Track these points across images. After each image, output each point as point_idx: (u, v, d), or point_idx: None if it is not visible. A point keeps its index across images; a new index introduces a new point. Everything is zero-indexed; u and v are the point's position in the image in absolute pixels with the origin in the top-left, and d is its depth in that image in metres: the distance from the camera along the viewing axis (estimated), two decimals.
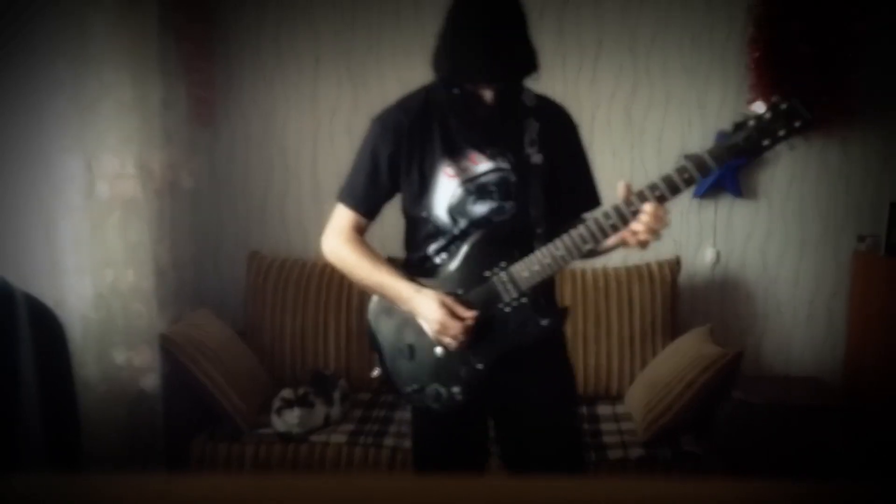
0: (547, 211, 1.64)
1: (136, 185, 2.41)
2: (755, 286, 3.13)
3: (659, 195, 1.52)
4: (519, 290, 1.61)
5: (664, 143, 3.06)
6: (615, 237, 1.58)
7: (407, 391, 1.70)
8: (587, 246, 1.57)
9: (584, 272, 2.91)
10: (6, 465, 1.52)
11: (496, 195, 1.63)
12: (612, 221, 1.55)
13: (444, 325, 1.58)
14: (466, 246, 1.63)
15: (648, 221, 1.51)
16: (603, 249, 1.66)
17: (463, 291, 1.63)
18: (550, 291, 1.75)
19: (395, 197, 1.73)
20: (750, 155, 1.53)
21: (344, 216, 1.71)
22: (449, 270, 1.65)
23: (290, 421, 2.49)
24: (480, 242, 1.62)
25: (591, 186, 1.77)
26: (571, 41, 3.02)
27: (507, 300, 1.62)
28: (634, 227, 1.53)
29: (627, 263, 2.94)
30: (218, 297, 3.13)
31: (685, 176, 1.51)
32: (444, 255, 1.67)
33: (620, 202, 1.54)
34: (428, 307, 1.60)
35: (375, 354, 1.75)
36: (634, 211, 1.53)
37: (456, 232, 1.64)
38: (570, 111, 1.76)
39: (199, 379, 2.49)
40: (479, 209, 1.63)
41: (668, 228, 1.55)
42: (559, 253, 1.58)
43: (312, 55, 3.11)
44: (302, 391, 2.57)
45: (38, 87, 2.08)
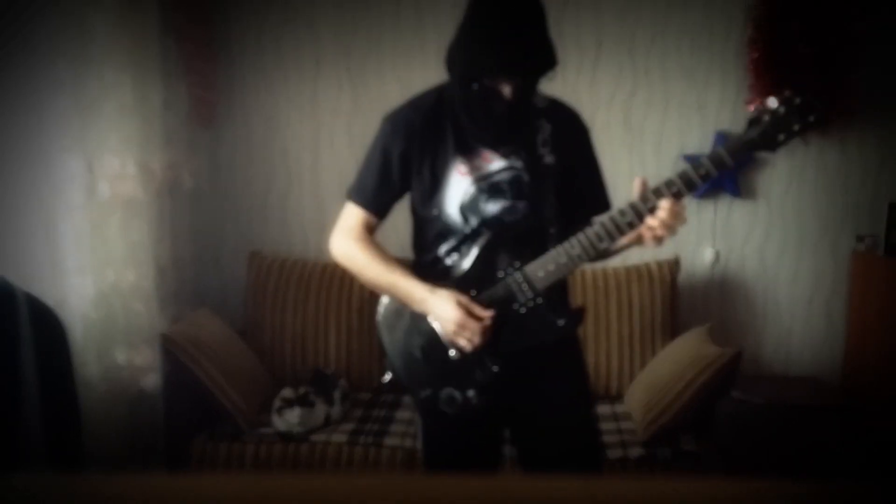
0: (559, 211, 1.62)
1: (136, 185, 2.41)
2: (754, 286, 3.13)
3: (676, 191, 1.50)
4: (534, 290, 1.59)
5: (663, 144, 3.07)
6: (629, 235, 1.56)
7: (420, 395, 1.66)
8: (603, 244, 1.55)
9: (583, 272, 2.91)
10: (7, 464, 1.52)
11: (509, 194, 1.61)
12: (628, 219, 1.53)
13: (461, 325, 1.55)
14: (478, 246, 1.60)
15: (665, 218, 1.50)
16: (616, 249, 1.65)
17: (476, 293, 1.60)
18: (564, 291, 1.72)
19: (404, 197, 1.70)
20: (765, 150, 1.51)
21: (353, 215, 1.68)
22: (461, 271, 1.62)
23: (290, 420, 2.49)
24: (493, 242, 1.60)
25: (601, 190, 1.75)
26: (570, 43, 3.02)
27: (521, 301, 1.60)
28: (651, 222, 1.51)
29: (627, 263, 2.94)
30: (218, 296, 3.14)
31: (701, 172, 1.50)
32: (455, 255, 1.64)
33: (637, 199, 1.52)
34: (443, 308, 1.56)
35: (386, 358, 1.72)
36: (651, 207, 1.51)
37: (467, 231, 1.61)
38: (581, 115, 1.74)
39: (199, 378, 2.49)
40: (491, 208, 1.60)
41: (684, 224, 1.53)
42: (575, 252, 1.56)
43: (313, 56, 3.11)
44: (302, 391, 2.57)
45: (38, 87, 2.07)
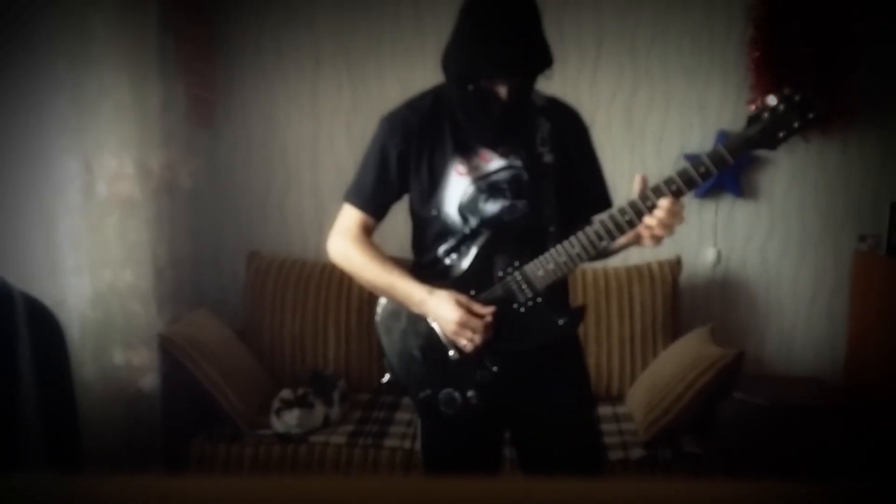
0: (559, 209, 1.61)
1: (135, 185, 2.40)
2: (756, 286, 3.12)
3: (675, 189, 1.50)
4: (534, 289, 1.58)
5: (664, 144, 3.06)
6: (628, 234, 1.55)
7: (419, 396, 1.66)
8: (603, 243, 1.54)
9: (584, 272, 2.90)
10: (4, 465, 1.51)
11: (508, 193, 1.60)
12: (628, 217, 1.52)
13: (462, 324, 1.54)
14: (477, 246, 1.60)
15: (663, 217, 1.49)
16: (616, 247, 1.64)
17: (475, 292, 1.59)
18: (564, 291, 1.71)
19: (402, 197, 1.70)
20: (765, 147, 1.51)
21: (351, 216, 1.67)
22: (460, 271, 1.61)
23: (289, 422, 2.48)
24: (492, 242, 1.59)
25: (602, 188, 1.74)
26: (571, 42, 3.01)
27: (521, 300, 1.59)
28: (649, 221, 1.50)
29: (628, 263, 2.93)
30: (217, 296, 3.13)
31: (701, 170, 1.49)
32: (454, 255, 1.63)
33: (636, 197, 1.52)
34: (444, 308, 1.56)
35: (385, 359, 1.71)
36: (651, 206, 1.50)
37: (466, 231, 1.61)
38: (581, 113, 1.73)
39: (197, 379, 2.48)
40: (490, 208, 1.60)
41: (683, 224, 1.52)
42: (575, 250, 1.55)
43: (312, 56, 3.11)
44: (301, 392, 2.56)
45: (37, 87, 2.06)
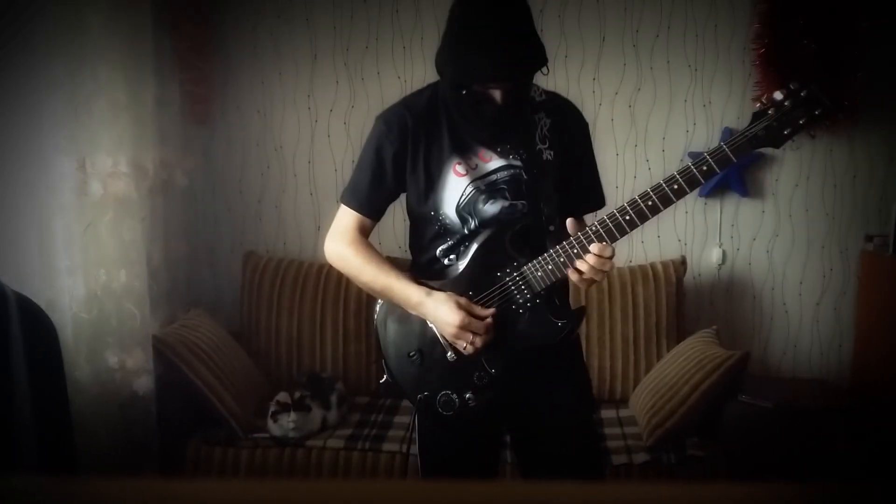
0: (559, 209, 1.59)
1: (129, 183, 2.38)
2: (761, 286, 3.08)
3: (676, 189, 1.49)
4: (533, 290, 1.56)
5: (668, 141, 3.03)
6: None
7: (417, 398, 1.64)
8: (604, 242, 1.52)
9: None
10: None
11: (508, 194, 1.58)
12: (628, 217, 1.51)
13: (464, 327, 1.52)
14: (476, 245, 1.58)
15: (593, 262, 1.49)
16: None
17: (474, 293, 1.58)
18: (564, 291, 1.69)
19: (399, 197, 1.68)
20: (770, 146, 1.49)
21: (347, 218, 1.65)
22: (458, 272, 1.60)
23: (285, 425, 2.44)
24: (491, 242, 1.57)
25: (597, 185, 1.73)
26: (574, 38, 2.98)
27: (520, 301, 1.57)
28: (580, 266, 1.51)
29: (632, 263, 2.89)
30: (213, 297, 3.11)
31: (704, 168, 1.48)
32: (452, 255, 1.61)
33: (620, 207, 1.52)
34: (443, 310, 1.54)
35: (383, 361, 1.70)
36: (652, 204, 1.49)
37: (465, 232, 1.59)
38: (579, 105, 1.71)
39: (192, 381, 2.44)
40: (490, 209, 1.58)
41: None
42: (574, 251, 1.53)
43: (310, 52, 3.07)
44: (298, 395, 2.53)
45: (33, 86, 2.05)
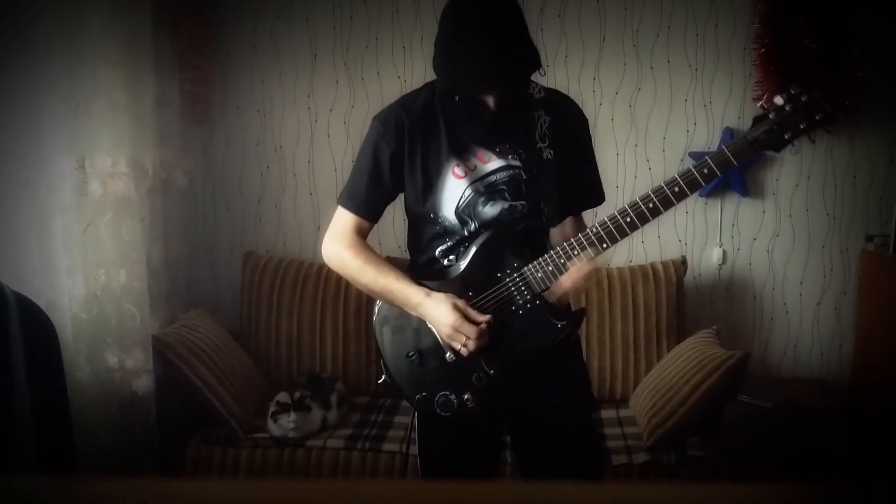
0: (559, 208, 1.59)
1: (129, 184, 2.38)
2: (762, 286, 3.08)
3: (677, 190, 1.49)
4: (533, 291, 1.56)
5: (669, 141, 3.02)
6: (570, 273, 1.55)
7: (416, 399, 1.63)
8: (604, 245, 1.53)
9: None
10: None
11: (507, 194, 1.57)
12: (628, 219, 1.51)
13: (457, 329, 1.52)
14: (476, 246, 1.57)
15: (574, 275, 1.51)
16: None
17: (473, 294, 1.57)
18: None
19: (397, 198, 1.67)
20: (771, 149, 1.50)
21: (345, 219, 1.64)
22: (458, 272, 1.59)
23: (285, 426, 2.43)
24: (490, 243, 1.57)
25: (597, 182, 1.73)
26: (574, 38, 2.98)
27: (520, 302, 1.57)
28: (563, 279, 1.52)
29: (632, 263, 2.89)
30: (212, 297, 3.10)
31: (705, 171, 1.49)
32: (452, 256, 1.61)
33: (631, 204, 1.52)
34: (439, 311, 1.53)
35: (382, 361, 1.69)
36: (652, 206, 1.49)
37: (465, 233, 1.58)
38: (579, 104, 1.71)
39: (192, 381, 2.44)
40: (490, 211, 1.57)
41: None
42: (574, 252, 1.53)
43: (310, 52, 3.07)
44: (298, 395, 2.52)
45: (33, 86, 2.04)
